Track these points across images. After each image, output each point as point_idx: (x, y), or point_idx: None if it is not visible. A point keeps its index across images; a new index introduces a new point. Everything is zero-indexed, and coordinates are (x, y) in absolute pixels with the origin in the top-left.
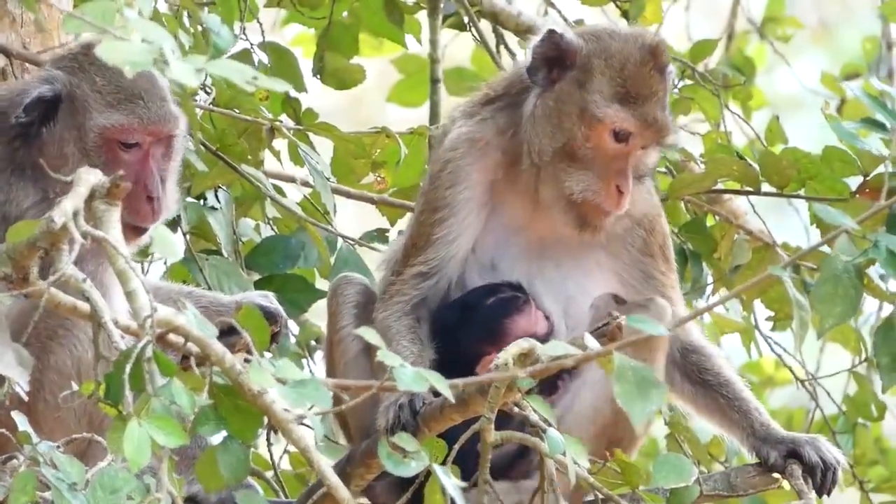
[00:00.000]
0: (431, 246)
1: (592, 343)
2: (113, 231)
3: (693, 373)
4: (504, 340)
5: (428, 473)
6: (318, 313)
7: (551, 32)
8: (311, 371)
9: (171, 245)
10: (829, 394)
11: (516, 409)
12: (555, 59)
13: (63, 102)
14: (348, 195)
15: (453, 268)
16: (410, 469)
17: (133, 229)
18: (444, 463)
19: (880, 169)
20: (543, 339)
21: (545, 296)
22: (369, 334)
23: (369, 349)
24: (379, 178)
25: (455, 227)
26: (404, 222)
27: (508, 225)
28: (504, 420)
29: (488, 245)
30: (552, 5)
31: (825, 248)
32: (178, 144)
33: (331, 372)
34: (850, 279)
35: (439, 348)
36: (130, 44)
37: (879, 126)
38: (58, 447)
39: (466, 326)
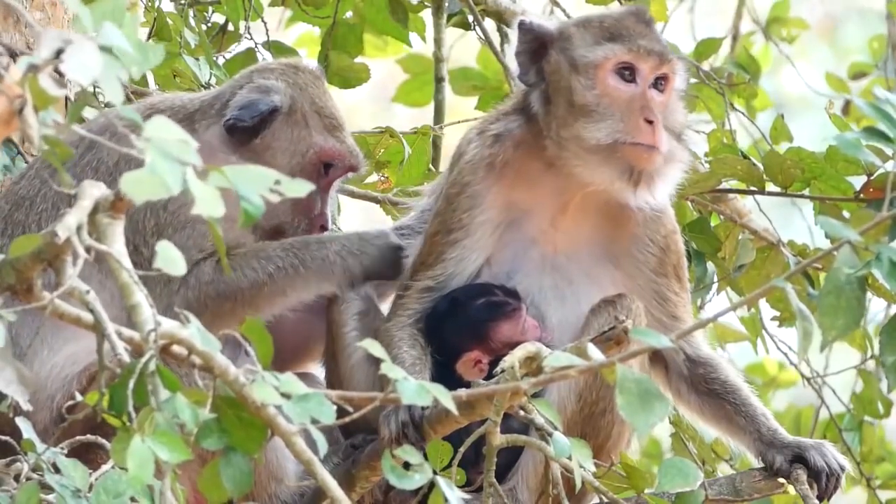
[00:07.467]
0: (440, 263)
1: (595, 352)
2: (116, 244)
3: (700, 383)
4: (487, 343)
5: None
6: None
7: (521, 23)
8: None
9: (175, 262)
10: (834, 392)
11: (522, 413)
12: (536, 49)
13: (281, 113)
14: (352, 195)
15: (462, 282)
16: (414, 482)
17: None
18: (448, 466)
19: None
20: None
21: (556, 311)
22: (373, 347)
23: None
24: (383, 178)
25: (468, 248)
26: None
27: (526, 239)
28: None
29: (506, 258)
30: (557, 4)
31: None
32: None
33: (332, 377)
34: (853, 291)
35: (427, 331)
36: (155, 173)
37: (882, 136)
38: (62, 451)
39: (452, 321)
